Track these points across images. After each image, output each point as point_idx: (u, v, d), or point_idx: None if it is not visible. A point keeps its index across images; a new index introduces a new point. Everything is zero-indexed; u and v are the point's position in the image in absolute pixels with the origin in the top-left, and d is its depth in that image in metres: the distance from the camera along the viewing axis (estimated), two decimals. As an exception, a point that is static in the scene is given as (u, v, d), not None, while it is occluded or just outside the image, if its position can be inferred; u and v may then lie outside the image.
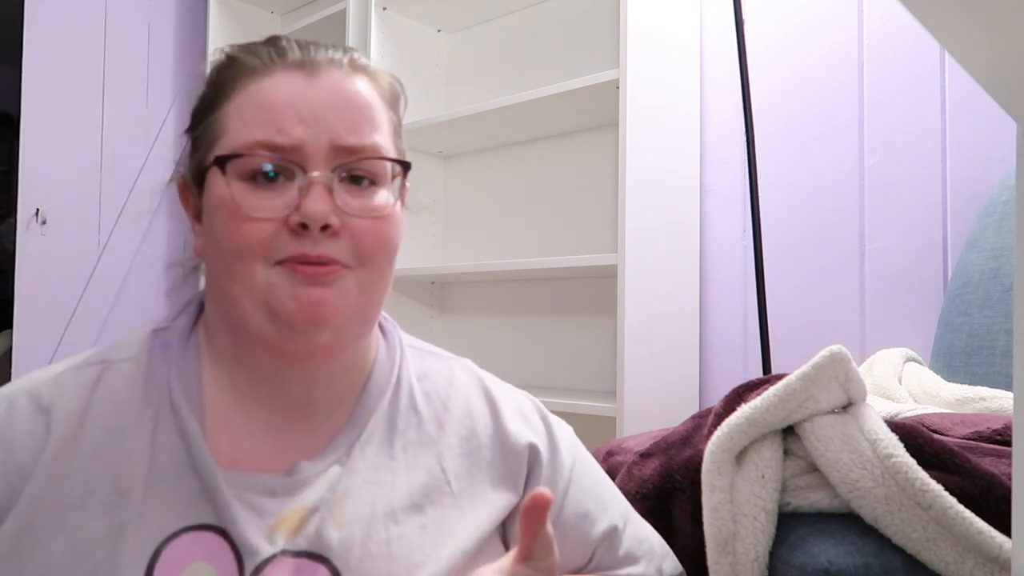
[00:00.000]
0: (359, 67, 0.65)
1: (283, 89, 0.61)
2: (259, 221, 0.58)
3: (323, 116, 0.60)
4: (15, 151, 2.39)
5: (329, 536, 0.59)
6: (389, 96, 0.67)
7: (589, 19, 1.99)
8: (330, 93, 0.61)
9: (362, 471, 0.63)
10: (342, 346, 0.63)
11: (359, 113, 0.62)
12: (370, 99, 0.63)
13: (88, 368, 0.63)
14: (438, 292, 2.26)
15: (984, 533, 0.69)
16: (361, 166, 0.61)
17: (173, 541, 0.57)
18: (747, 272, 1.71)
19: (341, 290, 0.60)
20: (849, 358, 0.80)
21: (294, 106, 0.60)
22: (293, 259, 0.58)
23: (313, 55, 0.63)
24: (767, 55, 1.70)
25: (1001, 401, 1.02)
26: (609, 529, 0.72)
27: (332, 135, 0.60)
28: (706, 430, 0.87)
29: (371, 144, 0.62)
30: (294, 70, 0.62)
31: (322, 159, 0.60)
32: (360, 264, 0.61)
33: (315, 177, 0.59)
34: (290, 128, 0.59)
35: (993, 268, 1.17)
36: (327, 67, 0.63)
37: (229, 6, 2.60)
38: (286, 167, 0.59)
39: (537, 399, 0.76)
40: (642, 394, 1.56)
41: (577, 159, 2.00)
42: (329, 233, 0.59)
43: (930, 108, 1.50)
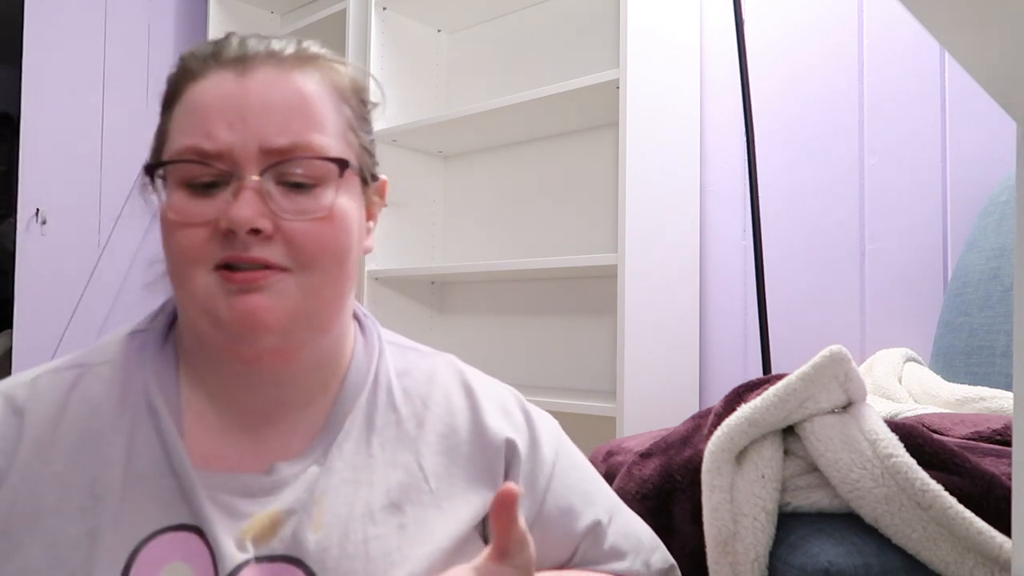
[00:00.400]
0: (306, 58, 0.62)
1: (212, 91, 0.59)
2: (192, 227, 0.58)
3: (251, 118, 0.58)
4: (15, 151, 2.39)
5: (306, 539, 0.59)
6: (347, 88, 0.64)
7: (589, 19, 1.99)
8: (260, 92, 0.59)
9: (340, 470, 0.63)
10: (293, 349, 0.61)
11: (291, 111, 0.59)
12: (308, 94, 0.60)
13: (66, 371, 0.64)
14: (438, 292, 2.26)
15: (984, 533, 0.69)
16: (292, 168, 0.59)
17: (151, 542, 0.57)
18: (747, 272, 1.71)
19: (278, 295, 0.58)
20: (849, 358, 0.80)
21: (221, 109, 0.58)
22: (224, 264, 0.57)
23: (250, 50, 0.61)
24: (767, 55, 1.70)
25: (1001, 401, 1.02)
26: (593, 524, 0.71)
27: (260, 137, 0.58)
28: (706, 430, 0.87)
29: (304, 143, 0.59)
30: (227, 69, 0.60)
31: (253, 162, 0.58)
32: (300, 268, 0.59)
33: (244, 182, 0.57)
34: (218, 132, 0.58)
35: (993, 268, 1.17)
36: (262, 63, 0.60)
37: (229, 6, 2.60)
38: (216, 174, 0.58)
39: (522, 395, 0.75)
40: (642, 394, 1.56)
41: (577, 159, 2.00)
42: (261, 237, 0.57)
43: (930, 108, 1.50)
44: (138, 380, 0.63)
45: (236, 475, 0.61)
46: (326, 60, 0.64)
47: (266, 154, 0.58)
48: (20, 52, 2.28)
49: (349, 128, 0.63)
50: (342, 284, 0.62)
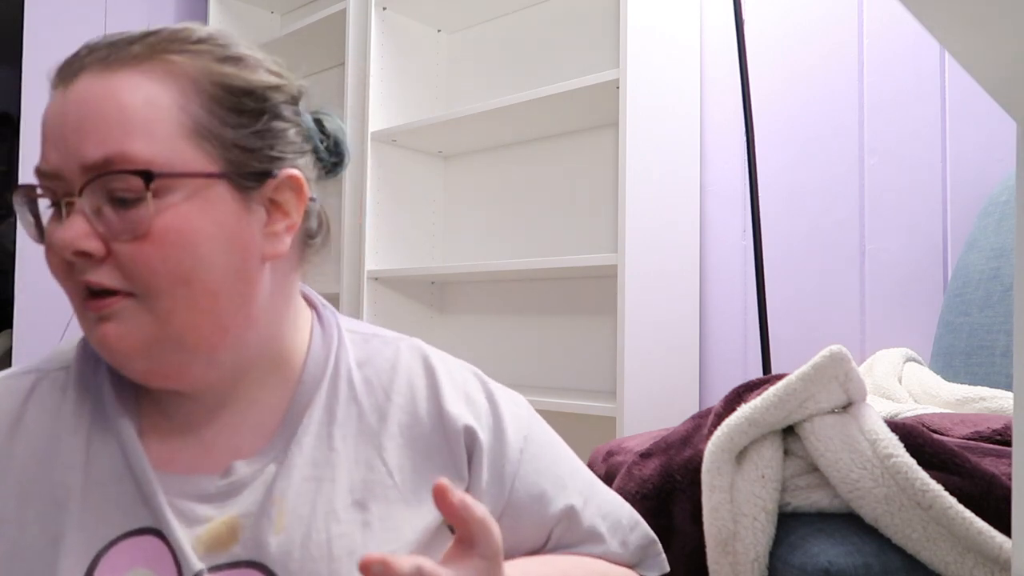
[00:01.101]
0: (141, 56, 0.56)
1: (49, 111, 0.56)
2: (51, 251, 0.56)
3: (69, 135, 0.54)
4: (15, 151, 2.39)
5: (267, 542, 0.58)
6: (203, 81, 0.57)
7: (589, 19, 1.99)
8: (77, 105, 0.54)
9: (300, 467, 0.61)
10: (178, 371, 0.57)
11: (106, 121, 0.54)
12: (127, 100, 0.54)
13: (22, 377, 0.63)
14: (438, 292, 2.26)
15: (984, 533, 0.69)
16: (107, 184, 0.53)
17: (112, 548, 0.56)
18: (747, 272, 1.71)
19: (127, 320, 0.54)
20: (849, 358, 0.80)
21: (49, 127, 0.55)
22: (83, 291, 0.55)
23: (82, 59, 0.56)
24: (767, 55, 1.70)
25: (1001, 401, 1.02)
26: (566, 508, 0.69)
27: (77, 155, 0.54)
28: (706, 430, 0.87)
29: (117, 154, 0.53)
30: (59, 84, 0.56)
31: (77, 183, 0.54)
32: (141, 291, 0.54)
33: (68, 202, 0.54)
34: (48, 153, 0.55)
35: (993, 268, 1.17)
36: (88, 70, 0.55)
37: (229, 6, 2.60)
38: (51, 195, 0.56)
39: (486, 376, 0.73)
40: (642, 394, 1.56)
41: (577, 159, 2.00)
42: (94, 261, 0.54)
43: (930, 108, 1.50)
44: (93, 385, 0.62)
45: (192, 477, 0.60)
46: (166, 52, 0.56)
47: (85, 170, 0.54)
48: (20, 52, 2.28)
49: (199, 128, 0.56)
50: (209, 302, 0.56)
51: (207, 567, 0.57)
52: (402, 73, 2.15)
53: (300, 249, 0.65)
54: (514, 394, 0.73)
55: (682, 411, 1.65)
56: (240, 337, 0.59)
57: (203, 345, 0.57)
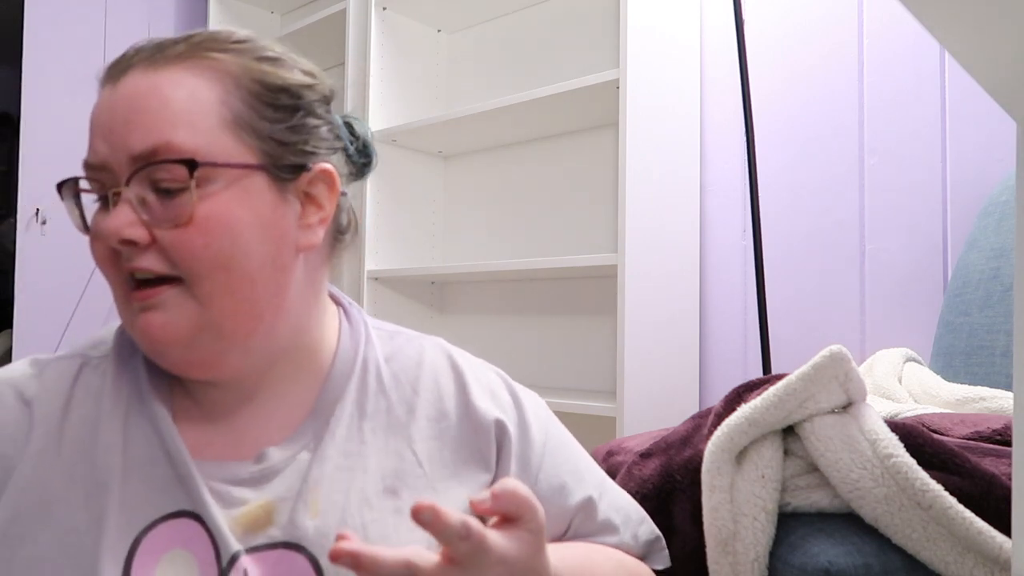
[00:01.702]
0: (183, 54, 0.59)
1: (97, 107, 0.59)
2: (98, 241, 0.59)
3: (117, 128, 0.57)
4: (15, 151, 2.39)
5: (304, 524, 0.59)
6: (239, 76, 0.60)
7: (589, 19, 1.99)
8: (125, 99, 0.57)
9: (333, 457, 0.63)
10: (213, 359, 0.60)
11: (152, 113, 0.57)
12: (170, 92, 0.57)
13: (70, 360, 0.65)
14: (438, 292, 2.26)
15: (984, 533, 0.69)
16: (152, 174, 0.56)
17: (152, 530, 0.57)
18: (747, 272, 1.71)
19: (172, 309, 0.57)
20: (849, 358, 0.80)
21: (99, 122, 0.58)
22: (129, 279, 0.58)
23: (126, 58, 0.59)
24: (767, 55, 1.70)
25: (1001, 401, 1.02)
26: (585, 500, 0.72)
27: (126, 146, 0.57)
28: (706, 430, 0.87)
29: (163, 144, 0.56)
30: (108, 82, 0.59)
31: (125, 174, 0.57)
32: (186, 276, 0.57)
33: (114, 192, 0.57)
34: (96, 146, 0.58)
35: (993, 268, 1.17)
36: (136, 67, 0.58)
37: (229, 6, 2.60)
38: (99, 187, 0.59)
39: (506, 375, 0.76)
40: (642, 394, 1.56)
41: (577, 159, 2.00)
42: (139, 248, 0.57)
43: (930, 108, 1.50)
44: (130, 371, 0.64)
45: (225, 463, 0.61)
46: (209, 50, 0.59)
47: (132, 161, 0.57)
48: (20, 52, 2.28)
49: (235, 119, 0.58)
50: (247, 289, 0.58)
51: (244, 548, 0.58)
52: (402, 73, 2.15)
53: (330, 244, 0.68)
54: (532, 392, 0.76)
55: (682, 411, 1.65)
56: (273, 326, 0.61)
57: (239, 332, 0.59)
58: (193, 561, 0.57)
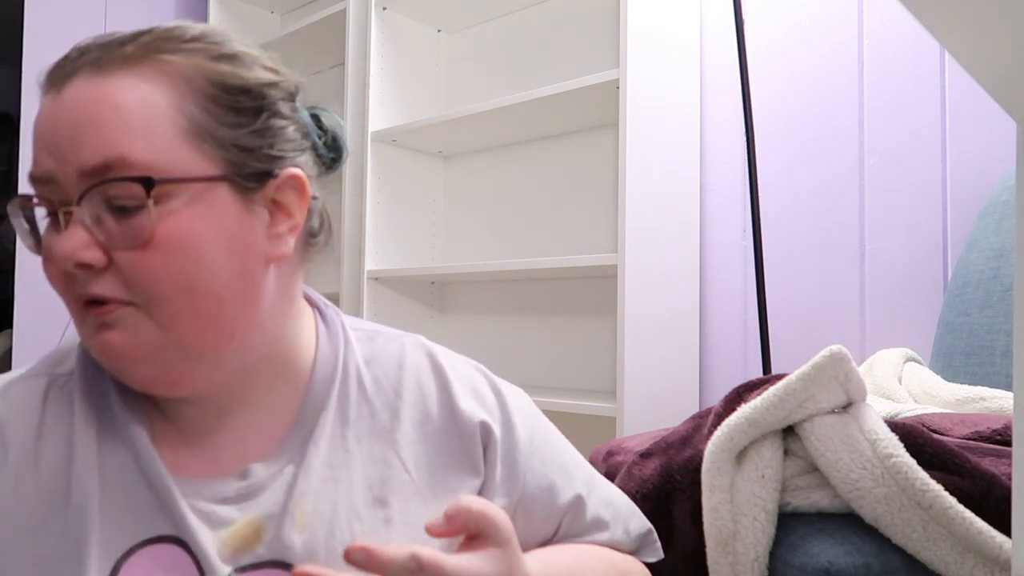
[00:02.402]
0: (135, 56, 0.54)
1: (41, 116, 0.54)
2: (47, 262, 0.54)
3: (63, 141, 0.52)
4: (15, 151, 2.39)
5: (292, 541, 0.57)
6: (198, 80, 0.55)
7: (589, 19, 1.99)
8: (71, 109, 0.52)
9: (318, 469, 0.60)
10: (180, 377, 0.56)
11: (100, 124, 0.51)
12: (123, 101, 0.52)
13: (35, 379, 0.61)
14: (438, 292, 2.26)
15: (984, 533, 0.69)
16: (107, 191, 0.51)
17: (131, 557, 0.55)
18: (747, 272, 1.71)
19: (129, 329, 0.53)
20: (849, 358, 0.80)
21: (42, 133, 0.53)
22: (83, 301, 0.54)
23: (73, 62, 0.54)
24: (767, 55, 1.70)
25: (1001, 401, 1.02)
26: (574, 498, 0.70)
27: (74, 160, 0.52)
28: (706, 430, 0.87)
29: (117, 159, 0.51)
30: (50, 88, 0.54)
31: (74, 190, 0.52)
32: (143, 301, 0.53)
33: (65, 211, 0.53)
34: (41, 159, 0.53)
35: (993, 268, 1.17)
36: (81, 73, 0.53)
37: (229, 6, 2.60)
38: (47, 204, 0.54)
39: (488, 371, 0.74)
40: (642, 394, 1.56)
41: (577, 159, 2.00)
42: (96, 271, 0.52)
43: (930, 108, 1.50)
44: (98, 390, 0.60)
45: (208, 481, 0.59)
46: (159, 52, 0.54)
47: (83, 177, 0.52)
48: (20, 52, 2.28)
49: (197, 128, 0.54)
50: (213, 308, 0.55)
51: (233, 568, 0.56)
52: (402, 73, 2.15)
53: (302, 248, 0.64)
54: (516, 388, 0.74)
55: (682, 411, 1.65)
56: (245, 340, 0.58)
57: (207, 351, 0.56)
58: None
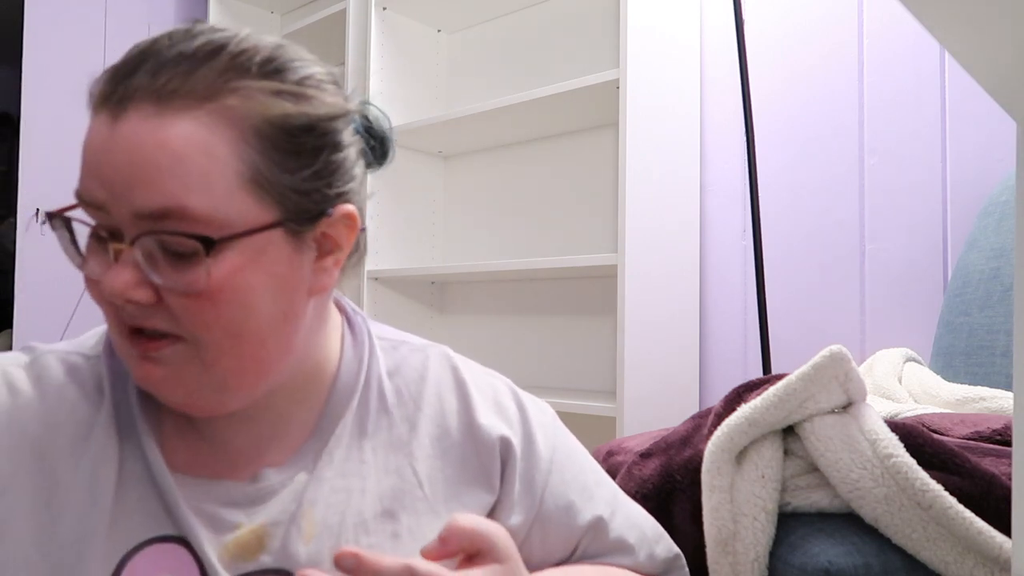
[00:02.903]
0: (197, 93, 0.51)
1: (91, 136, 0.52)
2: (91, 282, 0.54)
3: (119, 177, 0.50)
4: (15, 151, 2.39)
5: (297, 551, 0.57)
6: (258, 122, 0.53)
7: (589, 19, 1.99)
8: (127, 149, 0.50)
9: (330, 479, 0.60)
10: (215, 406, 0.56)
11: (162, 171, 0.50)
12: (183, 148, 0.50)
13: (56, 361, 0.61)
14: (438, 292, 2.26)
15: (984, 533, 0.69)
16: (160, 237, 0.51)
17: (138, 553, 0.55)
18: (747, 272, 1.71)
19: (174, 363, 0.53)
20: (849, 358, 0.80)
21: (94, 161, 0.52)
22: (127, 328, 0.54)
23: (132, 85, 0.51)
24: (767, 55, 1.70)
25: (1001, 401, 1.02)
26: (594, 520, 0.69)
27: (130, 200, 0.50)
28: (706, 430, 0.87)
29: (177, 208, 0.50)
30: (105, 109, 0.52)
31: (128, 227, 0.51)
32: (195, 339, 0.53)
33: (119, 247, 0.52)
34: (92, 188, 0.52)
35: (993, 268, 1.17)
36: (140, 101, 0.51)
37: (229, 6, 2.60)
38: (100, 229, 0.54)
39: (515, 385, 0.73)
40: (642, 394, 1.56)
41: (577, 159, 2.00)
42: (144, 307, 0.52)
43: (930, 108, 1.50)
44: (121, 384, 0.60)
45: (220, 482, 0.59)
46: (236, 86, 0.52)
47: (137, 218, 0.51)
48: (20, 52, 2.28)
49: (257, 177, 0.52)
50: (256, 349, 0.55)
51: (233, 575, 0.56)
52: (402, 73, 2.15)
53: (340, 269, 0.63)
54: (540, 402, 0.73)
55: (682, 411, 1.65)
56: (280, 371, 0.58)
57: (244, 386, 0.56)
58: None
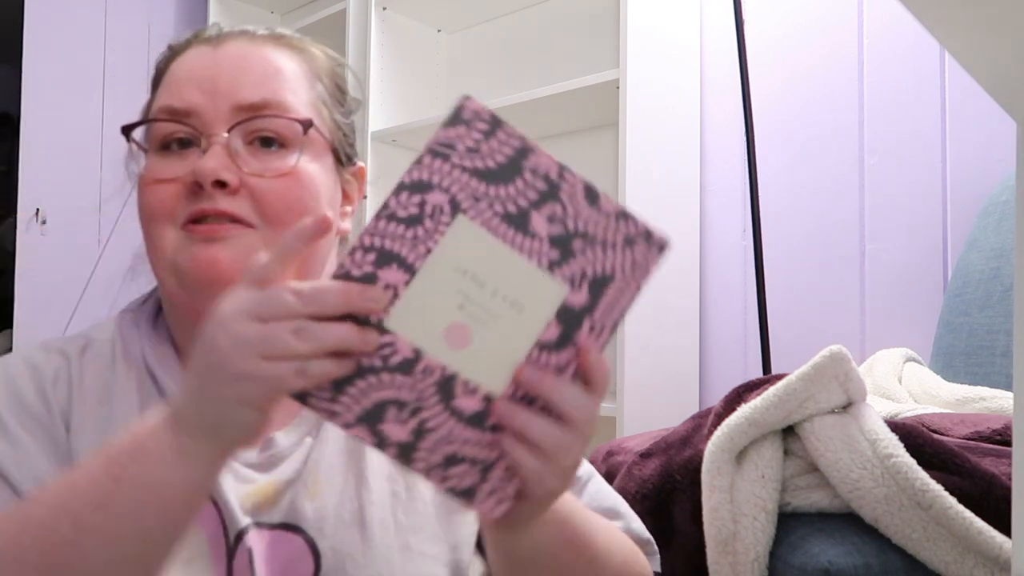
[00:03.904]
0: (281, 40, 0.66)
1: (189, 61, 0.63)
2: (162, 184, 0.60)
3: (222, 79, 0.61)
4: (15, 151, 2.39)
5: (303, 507, 0.61)
6: (321, 69, 0.67)
7: (589, 19, 1.98)
8: (233, 58, 0.62)
9: (333, 440, 0.64)
10: None
11: (262, 73, 0.62)
12: (279, 64, 0.64)
13: (74, 340, 0.65)
14: (438, 292, 2.26)
15: (984, 533, 0.69)
16: (260, 124, 0.61)
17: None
18: (747, 272, 1.71)
19: (239, 248, 0.59)
20: (849, 358, 0.80)
21: (194, 73, 0.62)
22: (193, 218, 0.59)
23: (228, 31, 0.65)
24: (767, 55, 1.70)
25: (1001, 401, 1.02)
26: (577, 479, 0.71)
27: (231, 96, 0.60)
28: (706, 430, 0.87)
29: (275, 101, 0.61)
30: (204, 44, 0.64)
31: (223, 122, 0.60)
32: (265, 224, 0.60)
33: (214, 138, 0.60)
34: (187, 93, 0.61)
35: (993, 268, 1.17)
36: (236, 38, 0.64)
37: (229, 6, 2.60)
38: (186, 132, 0.61)
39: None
40: (642, 394, 1.56)
41: (577, 159, 1.99)
42: (228, 191, 0.59)
43: (930, 108, 1.50)
44: (136, 353, 0.64)
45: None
46: (300, 42, 0.67)
47: (236, 111, 0.60)
48: (20, 52, 2.28)
49: (321, 102, 0.65)
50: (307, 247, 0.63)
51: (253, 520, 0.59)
52: (402, 73, 2.15)
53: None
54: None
55: (682, 411, 1.65)
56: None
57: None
58: (203, 536, 0.58)
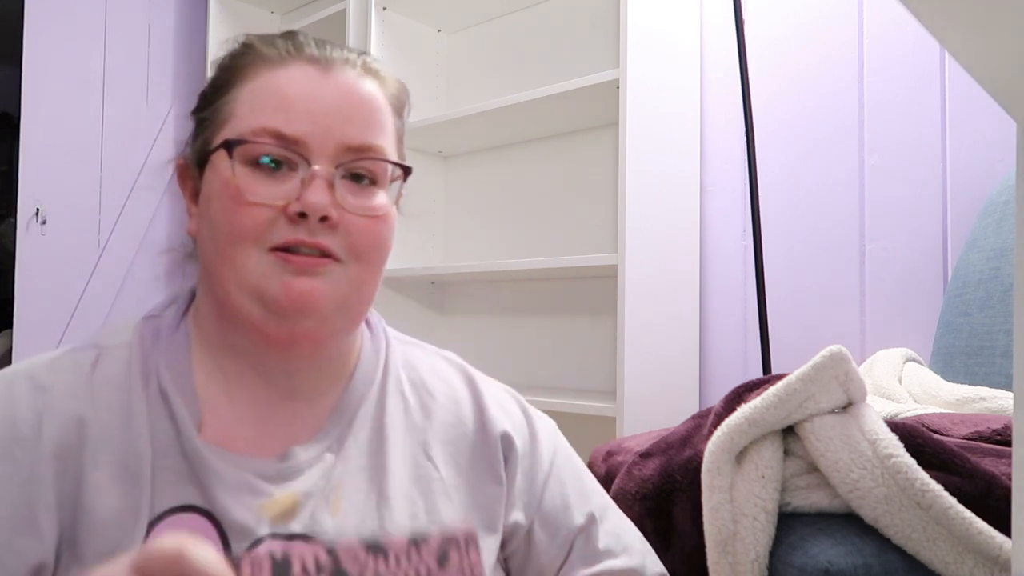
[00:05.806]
0: (370, 70, 0.67)
1: (296, 82, 0.62)
2: (258, 206, 0.60)
3: (332, 113, 0.62)
4: (15, 151, 2.39)
5: (324, 521, 0.61)
6: (395, 102, 0.69)
7: (589, 19, 1.99)
8: (342, 92, 0.63)
9: (355, 458, 0.65)
10: (325, 336, 0.64)
11: (368, 115, 0.64)
12: (378, 102, 0.65)
13: (84, 351, 0.64)
14: (438, 292, 2.26)
15: (984, 533, 0.69)
16: (363, 166, 0.63)
17: (160, 522, 0.58)
18: (747, 272, 1.71)
19: (330, 282, 0.61)
20: (849, 358, 0.80)
21: (305, 100, 0.62)
22: (287, 246, 0.60)
23: (329, 53, 0.65)
24: (767, 55, 1.70)
25: (1001, 401, 1.02)
26: (588, 519, 0.73)
27: (340, 133, 0.62)
28: (706, 430, 0.87)
29: (377, 145, 0.64)
30: (309, 64, 0.63)
31: (327, 154, 0.61)
32: (353, 260, 0.62)
33: (317, 170, 0.60)
34: (298, 121, 0.61)
35: (993, 268, 1.17)
36: (341, 66, 0.64)
37: (229, 6, 2.60)
38: (289, 157, 0.61)
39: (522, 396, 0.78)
40: (642, 394, 1.56)
41: (577, 159, 1.99)
42: (327, 225, 0.60)
43: (930, 108, 1.50)
44: (152, 363, 0.64)
45: (252, 459, 0.62)
46: (383, 75, 0.68)
47: (343, 151, 0.62)
48: (20, 52, 2.28)
49: (398, 137, 0.69)
50: (379, 280, 0.66)
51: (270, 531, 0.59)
52: (402, 73, 2.13)
53: None
54: (545, 416, 0.79)
55: (682, 411, 1.65)
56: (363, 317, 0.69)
57: (357, 316, 0.66)
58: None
